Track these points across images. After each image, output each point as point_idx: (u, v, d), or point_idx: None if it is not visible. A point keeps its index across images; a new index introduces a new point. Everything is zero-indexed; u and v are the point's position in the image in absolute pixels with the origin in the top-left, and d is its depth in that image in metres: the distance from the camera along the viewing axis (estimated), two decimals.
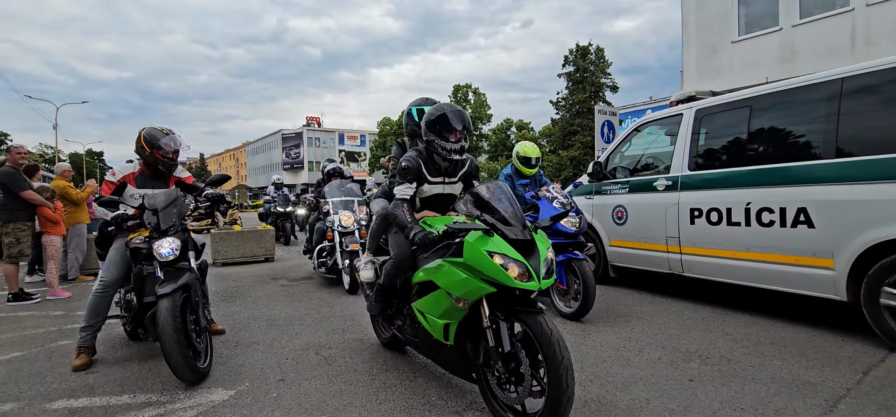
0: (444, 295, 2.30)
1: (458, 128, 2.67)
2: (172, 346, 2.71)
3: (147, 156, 3.37)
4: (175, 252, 3.02)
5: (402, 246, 2.73)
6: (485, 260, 2.07)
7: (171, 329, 2.72)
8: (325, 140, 65.15)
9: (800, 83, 3.70)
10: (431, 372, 3.00)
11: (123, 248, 3.28)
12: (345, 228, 5.66)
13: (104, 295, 3.26)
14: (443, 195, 2.94)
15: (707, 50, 13.15)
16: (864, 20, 10.37)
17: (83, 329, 3.26)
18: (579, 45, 36.93)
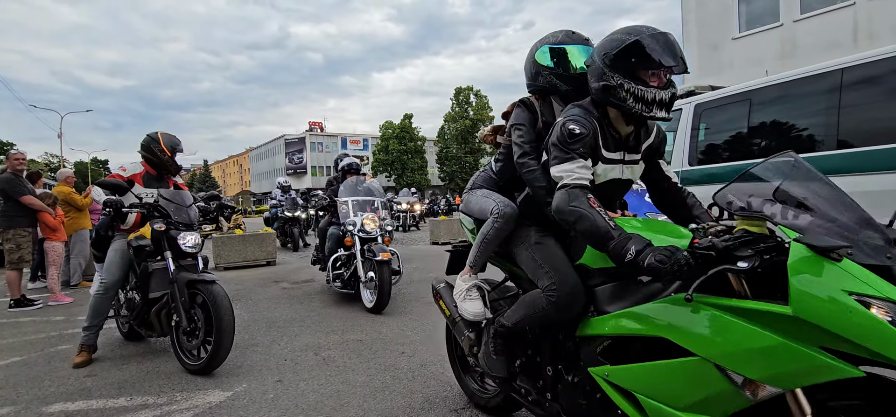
0: (708, 370, 1.26)
1: (668, 64, 1.58)
2: (230, 325, 2.97)
3: (166, 160, 3.49)
4: (199, 245, 3.26)
5: (564, 270, 1.68)
6: (850, 312, 1.03)
7: (230, 312, 3.00)
8: (327, 144, 65.31)
9: (799, 75, 3.67)
10: (430, 372, 2.98)
11: (124, 248, 3.33)
12: (368, 233, 4.79)
13: (105, 296, 3.33)
14: (620, 180, 1.80)
15: (708, 47, 13.10)
16: (866, 14, 10.30)
17: (86, 328, 3.35)
18: None
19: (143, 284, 3.26)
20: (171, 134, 3.57)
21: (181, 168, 3.56)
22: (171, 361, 3.28)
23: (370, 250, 4.62)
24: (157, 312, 3.23)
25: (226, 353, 3.04)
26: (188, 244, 3.22)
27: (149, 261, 3.26)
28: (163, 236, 3.19)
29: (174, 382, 2.95)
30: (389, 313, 4.53)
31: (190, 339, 3.13)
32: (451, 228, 11.67)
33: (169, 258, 3.16)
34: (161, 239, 3.19)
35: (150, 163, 3.51)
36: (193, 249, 3.25)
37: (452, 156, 47.42)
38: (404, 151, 47.79)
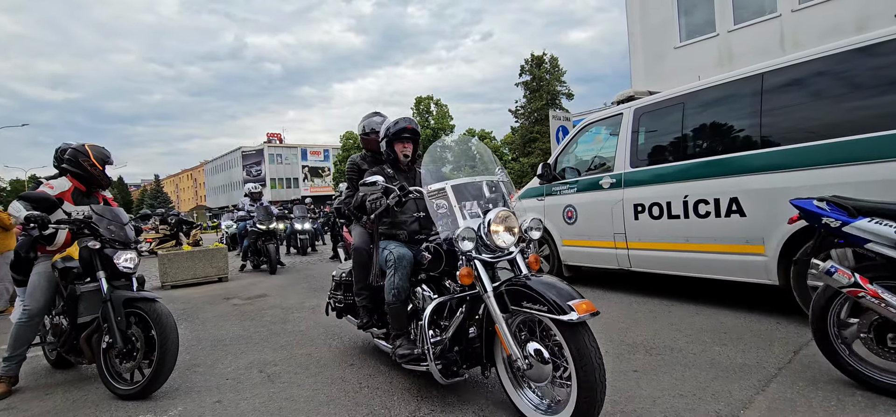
0: None
1: None
2: (174, 344, 2.85)
3: (97, 174, 3.31)
4: (136, 264, 3.13)
5: None
6: None
7: (174, 330, 2.89)
8: (287, 156, 63.83)
9: (725, 79, 3.89)
10: (377, 382, 2.93)
11: (49, 272, 3.13)
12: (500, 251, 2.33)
13: (29, 323, 3.10)
14: None
15: (653, 56, 13.72)
16: (791, 24, 11.10)
17: (7, 359, 3.11)
18: (534, 55, 37.88)
19: (70, 308, 3.06)
20: (100, 145, 3.38)
21: (111, 181, 3.37)
22: (101, 389, 3.07)
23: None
24: (87, 337, 3.05)
25: (168, 374, 2.89)
26: (125, 263, 3.06)
27: (77, 284, 3.05)
28: (95, 255, 3.00)
29: (102, 410, 2.77)
30: (342, 325, 4.43)
31: (124, 362, 2.95)
32: None
33: (102, 278, 2.97)
34: (93, 259, 3.01)
35: (79, 178, 3.30)
36: (130, 269, 3.09)
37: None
38: None
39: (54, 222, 3.03)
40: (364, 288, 3.10)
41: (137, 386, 2.85)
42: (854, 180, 3.05)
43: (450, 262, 2.52)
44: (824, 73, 3.31)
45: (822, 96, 3.32)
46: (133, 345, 2.92)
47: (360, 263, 3.11)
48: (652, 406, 2.39)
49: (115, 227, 3.12)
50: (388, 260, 2.72)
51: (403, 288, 2.64)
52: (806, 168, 3.30)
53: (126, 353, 2.92)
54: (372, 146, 3.35)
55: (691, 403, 2.39)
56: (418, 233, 2.89)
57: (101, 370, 2.98)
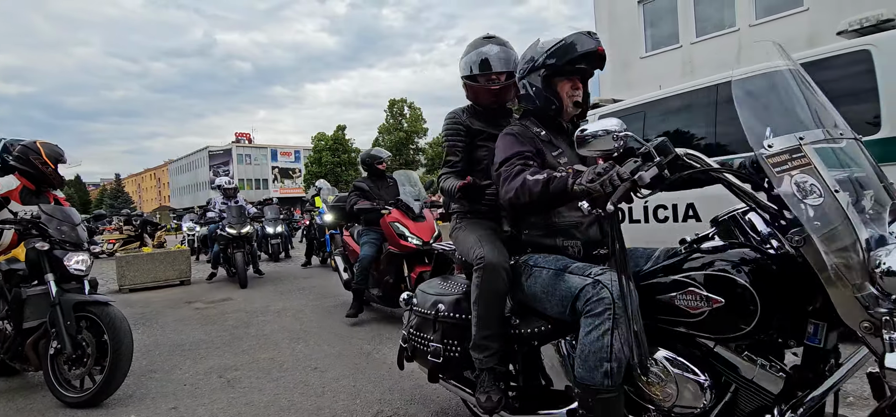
0: None
1: None
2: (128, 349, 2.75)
3: (49, 173, 3.19)
4: (88, 267, 3.00)
5: None
6: None
7: (129, 335, 2.79)
8: (256, 156, 62.41)
9: (682, 90, 4.06)
10: (341, 385, 2.91)
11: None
12: None
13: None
14: None
15: (620, 64, 14.12)
16: (748, 38, 11.64)
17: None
18: None
19: (15, 312, 2.90)
20: (52, 143, 3.24)
21: (65, 181, 3.23)
22: (49, 396, 2.94)
23: None
24: (33, 343, 2.90)
25: (120, 380, 2.79)
26: (76, 265, 2.92)
27: (22, 287, 2.90)
28: (44, 257, 2.85)
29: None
30: (307, 331, 4.38)
31: (73, 368, 2.81)
32: None
33: (51, 281, 2.83)
34: (41, 261, 2.85)
35: (28, 176, 3.16)
36: (82, 272, 2.96)
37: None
38: (338, 163, 46.83)
39: (0, 222, 2.89)
40: (494, 335, 1.72)
41: (87, 394, 2.74)
42: None
43: None
44: None
45: None
46: (83, 351, 2.79)
47: (493, 291, 1.70)
48: None
49: (66, 228, 2.98)
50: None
51: None
52: None
53: (75, 359, 2.79)
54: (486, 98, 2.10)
55: None
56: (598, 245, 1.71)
57: (49, 376, 2.84)
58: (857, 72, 3.06)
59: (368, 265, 4.49)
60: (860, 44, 3.08)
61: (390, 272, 4.41)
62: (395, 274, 4.37)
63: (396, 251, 4.31)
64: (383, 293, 4.47)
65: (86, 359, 2.79)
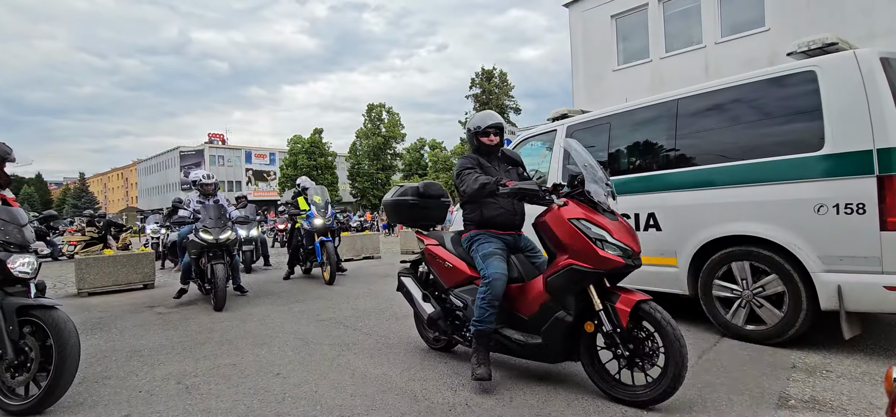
0: None
1: None
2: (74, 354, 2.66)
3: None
4: (35, 270, 2.89)
5: None
6: None
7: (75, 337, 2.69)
8: (230, 158, 61.04)
9: (645, 103, 4.19)
10: (303, 392, 2.88)
11: None
12: None
13: None
14: None
15: (593, 77, 14.47)
16: (714, 55, 12.11)
17: None
18: (484, 69, 38.76)
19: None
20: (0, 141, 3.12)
21: (11, 180, 3.10)
22: None
23: None
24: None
25: (66, 386, 2.68)
26: (21, 268, 2.80)
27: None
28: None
29: None
30: (272, 336, 4.31)
31: (16, 374, 2.70)
32: (353, 244, 11.43)
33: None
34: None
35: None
36: (28, 274, 2.84)
37: (364, 172, 46.83)
38: (314, 166, 46.24)
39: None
40: None
41: (31, 401, 2.63)
42: (754, 199, 3.37)
43: None
44: (730, 102, 3.65)
45: (728, 122, 3.66)
46: (26, 356, 2.69)
47: None
48: (566, 409, 2.51)
49: (12, 228, 2.86)
50: None
51: None
52: (713, 187, 3.61)
53: (18, 365, 2.68)
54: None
55: (602, 405, 2.54)
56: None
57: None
58: (804, 92, 3.23)
59: (501, 293, 2.79)
60: (807, 65, 3.25)
61: (560, 305, 2.66)
62: (575, 308, 2.61)
63: (586, 267, 2.53)
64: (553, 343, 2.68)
65: (29, 365, 2.69)
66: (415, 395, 2.75)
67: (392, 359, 3.43)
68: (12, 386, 2.72)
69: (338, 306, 5.52)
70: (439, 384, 2.92)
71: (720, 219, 3.54)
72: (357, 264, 10.12)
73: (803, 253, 3.15)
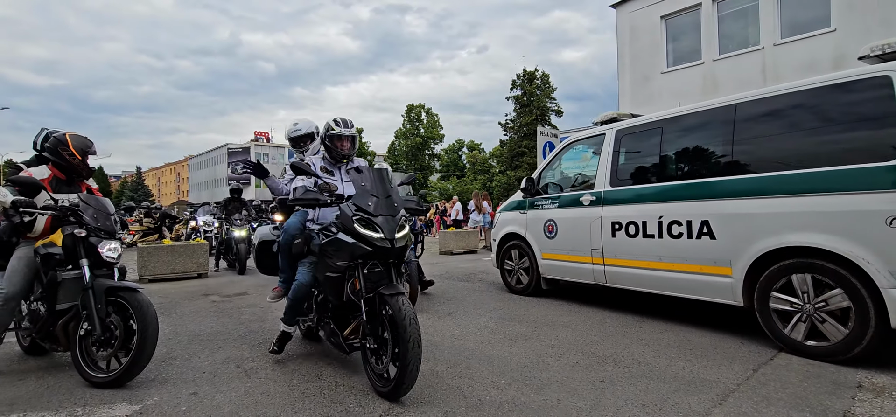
0: None
1: None
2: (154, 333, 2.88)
3: (76, 164, 3.25)
4: (119, 255, 3.13)
5: None
6: None
7: (155, 320, 2.91)
8: (274, 155, 63.32)
9: (701, 108, 4.07)
10: (352, 382, 2.99)
11: (30, 256, 3.11)
12: None
13: (6, 307, 3.04)
14: None
15: (640, 79, 14.08)
16: (772, 57, 11.52)
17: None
18: (526, 71, 38.38)
19: (49, 295, 3.03)
20: (82, 135, 3.34)
21: (93, 171, 3.37)
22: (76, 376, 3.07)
23: None
24: (64, 325, 3.03)
25: (145, 363, 2.91)
26: (109, 253, 3.07)
27: (58, 271, 3.02)
28: (80, 243, 2.99)
29: (76, 396, 2.78)
30: None
31: (101, 349, 2.94)
32: None
33: (85, 265, 2.96)
34: (76, 247, 2.99)
35: (59, 167, 3.25)
36: (114, 259, 3.09)
37: (402, 172, 47.48)
38: None
39: (40, 207, 3.00)
40: None
41: (113, 375, 2.87)
42: (818, 209, 3.22)
43: None
44: (793, 107, 3.50)
45: (791, 129, 3.51)
46: (111, 333, 2.93)
47: None
48: (615, 414, 2.50)
49: (100, 217, 3.12)
50: None
51: None
52: (773, 196, 3.47)
53: (104, 341, 2.92)
54: None
55: (652, 412, 2.51)
56: None
57: (76, 357, 2.98)
58: (877, 98, 3.06)
59: None
60: (881, 70, 3.07)
61: None
62: None
63: None
64: None
65: (113, 341, 2.93)
66: (462, 391, 2.80)
67: (438, 356, 3.50)
68: (96, 360, 2.96)
69: None
70: (486, 382, 2.96)
71: (781, 230, 3.40)
72: None
73: (873, 268, 2.98)
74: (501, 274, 6.19)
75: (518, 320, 4.57)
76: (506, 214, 6.05)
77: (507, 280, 6.04)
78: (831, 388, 2.80)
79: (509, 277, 5.97)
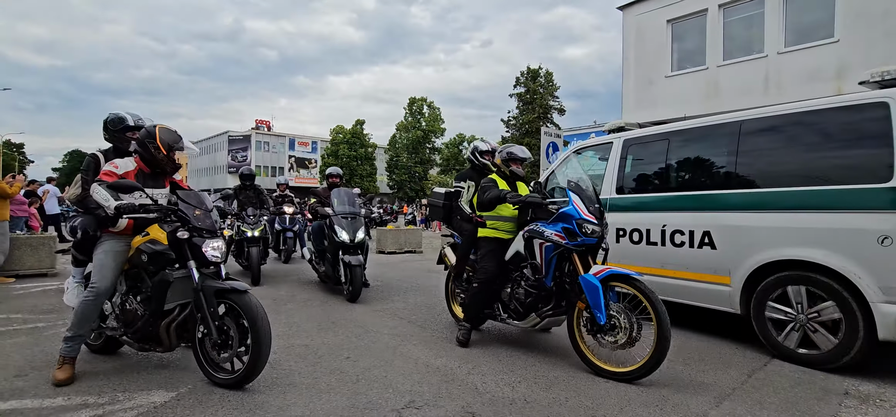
0: None
1: None
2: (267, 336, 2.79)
3: (161, 158, 3.10)
4: (223, 253, 3.00)
5: None
6: None
7: (266, 322, 2.81)
8: (274, 144, 63.29)
9: (707, 123, 4.24)
10: (373, 375, 3.17)
11: (117, 251, 3.01)
12: None
13: (96, 302, 2.96)
14: None
15: (644, 82, 14.22)
16: (776, 66, 11.67)
17: (70, 339, 2.96)
18: (530, 68, 38.41)
19: (158, 295, 2.90)
20: (171, 129, 3.20)
21: (178, 167, 3.22)
22: (114, 360, 3.26)
23: None
24: (166, 325, 2.92)
25: (264, 363, 2.84)
26: (213, 253, 2.91)
27: (169, 270, 2.92)
28: (186, 244, 2.88)
29: (115, 381, 2.96)
30: (335, 322, 4.67)
31: (221, 352, 2.90)
32: (396, 238, 11.81)
33: (193, 268, 2.86)
34: (182, 248, 2.89)
35: (144, 160, 3.10)
36: (218, 258, 2.94)
37: (402, 165, 47.56)
38: (354, 157, 47.38)
39: (138, 206, 2.86)
40: None
41: (238, 375, 2.84)
42: (815, 225, 3.41)
43: None
44: (795, 126, 3.67)
45: (792, 147, 3.67)
46: (227, 336, 2.88)
47: None
48: (619, 413, 2.69)
49: (201, 215, 2.98)
50: None
51: None
52: (773, 211, 3.65)
53: (220, 344, 2.88)
54: None
55: (654, 412, 2.70)
56: None
57: (199, 359, 2.97)
58: (874, 122, 3.23)
59: None
60: (879, 96, 3.24)
61: None
62: None
63: None
64: None
65: (230, 344, 2.87)
66: (476, 388, 3.00)
67: (450, 353, 3.69)
68: (219, 363, 2.92)
69: (389, 298, 5.85)
70: (498, 379, 3.15)
71: (778, 243, 3.59)
72: (400, 257, 10.49)
73: (863, 283, 3.17)
74: None
75: None
76: None
77: None
78: (820, 394, 3.00)
79: None
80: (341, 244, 5.61)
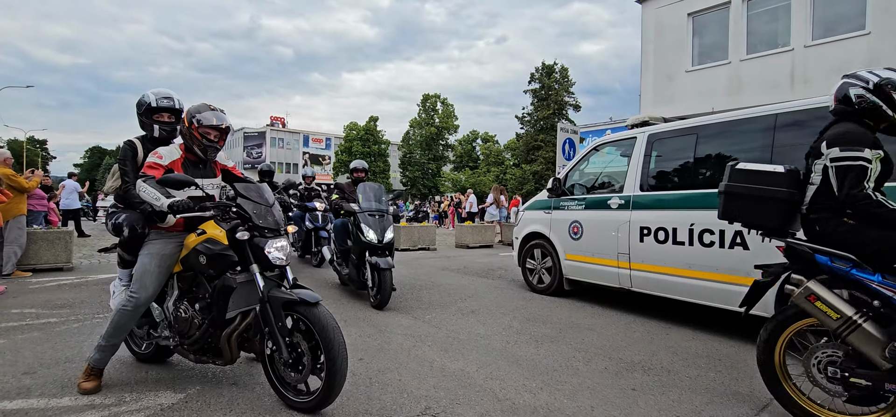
0: None
1: None
2: (343, 355, 2.36)
3: (185, 136, 2.78)
4: (288, 254, 2.61)
5: None
6: None
7: (342, 339, 2.39)
8: (289, 141, 63.83)
9: (740, 116, 4.02)
10: (387, 378, 3.04)
11: (164, 254, 2.72)
12: None
13: (135, 313, 2.68)
14: None
15: (663, 77, 13.87)
16: (802, 59, 11.26)
17: (102, 348, 2.70)
18: (545, 64, 38.00)
19: (220, 302, 2.56)
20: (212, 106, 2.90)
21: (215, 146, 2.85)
22: (121, 360, 3.17)
23: None
24: (228, 335, 2.58)
25: (342, 383, 2.42)
26: (277, 255, 2.53)
27: (232, 275, 2.57)
28: (247, 246, 2.54)
29: (123, 381, 2.87)
30: (346, 320, 4.55)
31: (293, 372, 2.49)
32: (409, 235, 11.69)
33: (257, 274, 2.51)
34: (244, 250, 2.54)
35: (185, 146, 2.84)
36: (282, 260, 2.56)
37: (416, 161, 47.51)
38: (368, 153, 47.45)
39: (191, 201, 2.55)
40: None
41: (316, 398, 2.45)
42: None
43: None
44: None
45: None
46: (299, 355, 2.48)
47: None
48: None
49: (263, 210, 2.61)
50: None
51: None
52: None
53: (291, 364, 2.48)
54: None
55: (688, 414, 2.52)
56: None
57: (270, 378, 2.61)
58: None
59: None
60: None
61: None
62: None
63: None
64: None
65: (302, 364, 2.48)
66: (495, 394, 2.84)
67: (466, 355, 3.54)
68: (292, 383, 2.54)
69: (402, 296, 5.72)
70: (518, 385, 2.99)
71: None
72: (413, 254, 10.37)
73: None
74: (523, 273, 6.21)
75: (542, 321, 4.59)
76: (529, 213, 6.05)
77: (528, 278, 6.06)
78: None
79: (531, 276, 5.99)
80: (368, 244, 5.02)
